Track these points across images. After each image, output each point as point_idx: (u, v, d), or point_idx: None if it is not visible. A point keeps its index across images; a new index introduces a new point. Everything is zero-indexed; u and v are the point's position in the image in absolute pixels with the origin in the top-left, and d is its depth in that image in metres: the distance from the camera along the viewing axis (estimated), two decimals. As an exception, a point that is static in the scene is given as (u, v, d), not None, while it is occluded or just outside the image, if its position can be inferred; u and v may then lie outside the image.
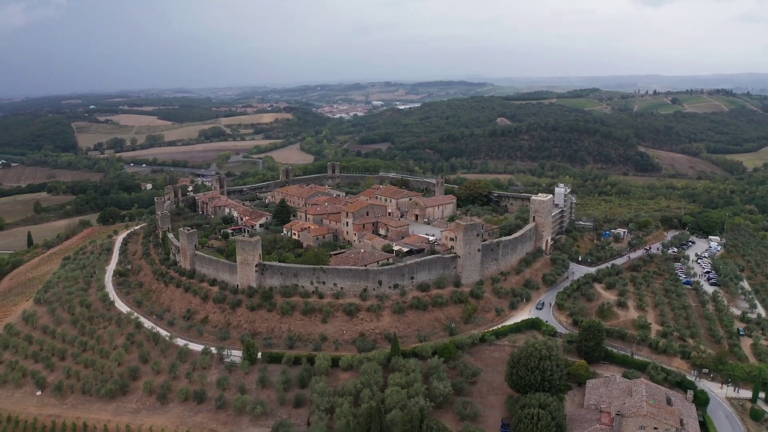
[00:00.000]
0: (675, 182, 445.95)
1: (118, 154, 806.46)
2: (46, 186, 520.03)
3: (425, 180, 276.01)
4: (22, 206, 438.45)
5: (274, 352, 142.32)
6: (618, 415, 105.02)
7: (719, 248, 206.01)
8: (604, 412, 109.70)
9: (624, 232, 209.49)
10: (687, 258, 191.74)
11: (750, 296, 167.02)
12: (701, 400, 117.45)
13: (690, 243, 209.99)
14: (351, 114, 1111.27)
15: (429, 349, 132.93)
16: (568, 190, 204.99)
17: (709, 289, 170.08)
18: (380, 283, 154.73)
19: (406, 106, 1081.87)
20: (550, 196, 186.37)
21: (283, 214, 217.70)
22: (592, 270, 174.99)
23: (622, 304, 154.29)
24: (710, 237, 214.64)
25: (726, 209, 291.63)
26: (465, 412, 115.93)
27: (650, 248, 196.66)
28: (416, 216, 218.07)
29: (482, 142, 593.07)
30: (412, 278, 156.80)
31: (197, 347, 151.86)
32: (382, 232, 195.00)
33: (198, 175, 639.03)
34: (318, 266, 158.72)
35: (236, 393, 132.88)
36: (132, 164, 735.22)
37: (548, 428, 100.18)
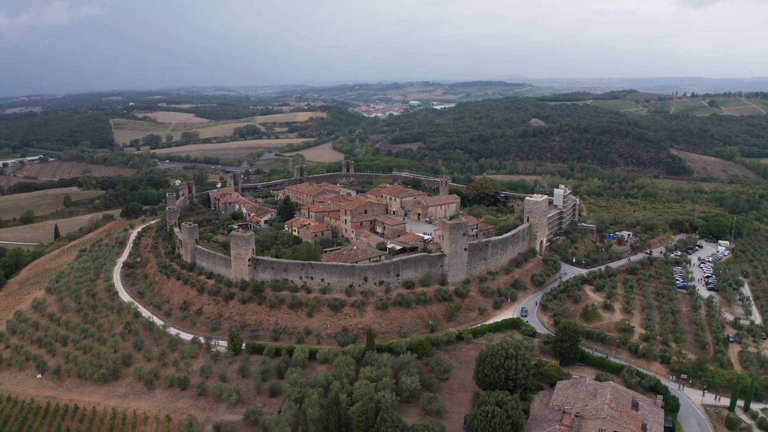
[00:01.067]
0: (704, 186, 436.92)
1: (152, 151, 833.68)
2: (77, 181, 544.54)
3: (436, 180, 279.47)
4: (52, 200, 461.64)
5: (257, 343, 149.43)
6: (577, 416, 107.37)
7: (726, 253, 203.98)
8: (567, 413, 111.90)
9: (628, 234, 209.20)
10: (688, 262, 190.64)
11: (747, 302, 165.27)
12: (671, 406, 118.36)
13: (697, 247, 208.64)
14: (387, 113, 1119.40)
15: (404, 345, 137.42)
16: (568, 192, 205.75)
17: (706, 294, 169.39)
18: (366, 279, 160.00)
19: (441, 106, 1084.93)
20: (545, 197, 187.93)
21: (287, 211, 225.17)
22: (584, 272, 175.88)
23: (607, 307, 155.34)
24: (720, 241, 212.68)
25: (749, 214, 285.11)
26: (429, 408, 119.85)
27: (651, 252, 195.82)
28: (419, 215, 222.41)
29: (513, 143, 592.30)
30: (398, 275, 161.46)
31: (188, 337, 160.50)
32: (379, 230, 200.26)
33: (228, 172, 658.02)
34: (306, 262, 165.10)
35: (217, 381, 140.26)
36: (167, 161, 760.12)
37: (502, 426, 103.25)
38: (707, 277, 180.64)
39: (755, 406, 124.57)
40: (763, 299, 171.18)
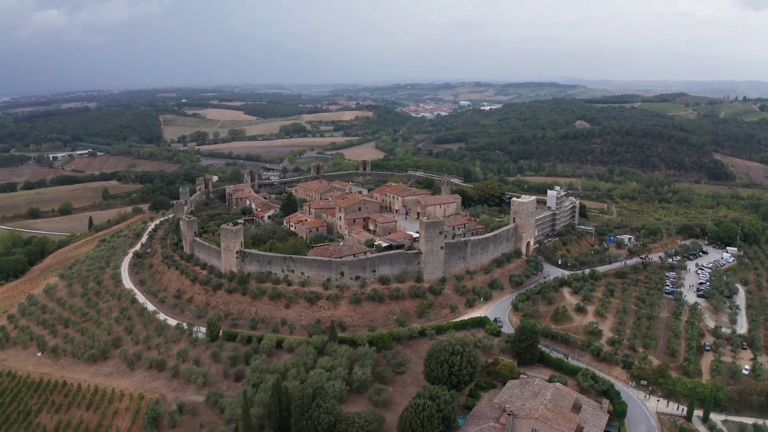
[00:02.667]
0: (741, 192, 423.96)
1: (198, 147, 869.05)
2: (117, 175, 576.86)
3: (452, 181, 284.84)
4: (92, 193, 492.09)
5: (232, 330, 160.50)
6: (510, 414, 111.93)
7: (731, 260, 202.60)
8: (505, 412, 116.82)
9: (629, 238, 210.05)
10: (684, 268, 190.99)
11: (735, 311, 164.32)
12: (618, 411, 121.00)
13: (701, 253, 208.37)
14: (435, 113, 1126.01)
15: (365, 338, 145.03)
16: (562, 193, 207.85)
17: (694, 301, 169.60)
18: (342, 274, 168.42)
19: (488, 107, 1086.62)
20: (533, 198, 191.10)
21: (289, 207, 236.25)
22: (567, 273, 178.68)
23: (580, 309, 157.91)
24: (728, 248, 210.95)
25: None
26: (376, 398, 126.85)
27: (647, 256, 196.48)
28: (418, 214, 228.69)
29: (553, 145, 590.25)
30: (374, 271, 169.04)
31: (174, 323, 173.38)
32: (371, 227, 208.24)
33: (268, 169, 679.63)
34: (288, 256, 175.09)
35: (191, 365, 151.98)
36: (210, 157, 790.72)
37: (431, 419, 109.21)
38: (700, 283, 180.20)
39: (716, 417, 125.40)
40: (758, 308, 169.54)
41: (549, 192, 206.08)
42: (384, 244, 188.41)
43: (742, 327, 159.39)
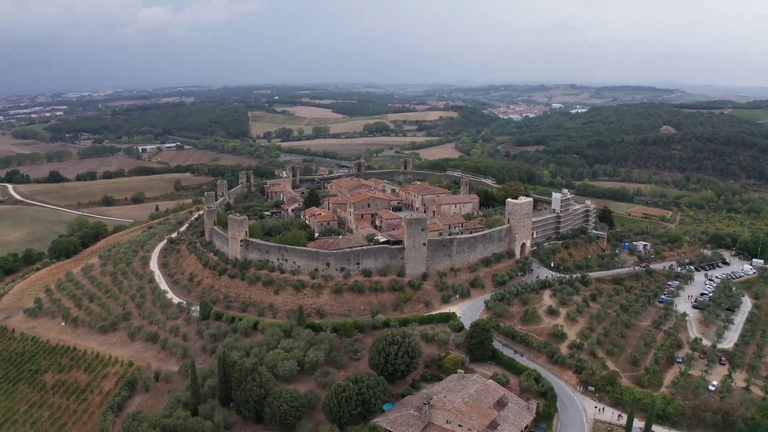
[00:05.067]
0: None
1: (280, 143, 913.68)
2: (191, 167, 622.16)
3: (482, 180, 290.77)
4: (165, 184, 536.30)
5: (220, 311, 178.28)
6: (425, 404, 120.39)
7: (751, 272, 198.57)
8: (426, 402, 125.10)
9: (645, 245, 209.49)
10: (691, 277, 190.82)
11: (727, 324, 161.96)
12: (546, 413, 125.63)
13: (720, 263, 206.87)
14: (523, 115, 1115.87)
15: (329, 325, 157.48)
16: (568, 196, 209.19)
17: (691, 312, 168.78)
18: (328, 264, 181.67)
19: (576, 110, 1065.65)
20: (529, 199, 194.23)
21: (311, 201, 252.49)
22: (550, 276, 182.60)
23: (553, 312, 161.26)
24: (754, 260, 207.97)
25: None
26: (321, 380, 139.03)
27: (647, 265, 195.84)
28: (434, 212, 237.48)
29: (631, 150, 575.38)
30: (358, 264, 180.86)
31: (177, 301, 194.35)
32: (377, 223, 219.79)
33: (342, 166, 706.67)
34: (282, 245, 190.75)
35: (178, 339, 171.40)
36: (290, 153, 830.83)
37: (348, 401, 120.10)
38: (702, 294, 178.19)
39: (661, 431, 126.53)
40: (758, 324, 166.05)
41: (554, 195, 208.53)
42: (382, 239, 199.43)
43: (730, 341, 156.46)
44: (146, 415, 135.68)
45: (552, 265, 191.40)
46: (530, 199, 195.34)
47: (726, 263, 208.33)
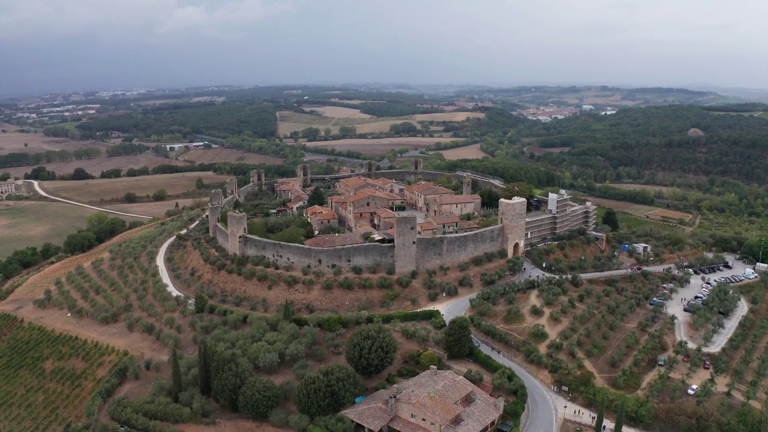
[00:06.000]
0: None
1: (306, 143, 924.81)
2: (213, 166, 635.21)
3: (489, 181, 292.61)
4: (187, 182, 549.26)
5: (213, 304, 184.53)
6: (391, 398, 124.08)
7: (752, 276, 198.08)
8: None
9: (645, 247, 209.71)
10: (688, 280, 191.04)
11: (716, 328, 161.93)
12: (513, 411, 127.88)
13: (722, 267, 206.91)
14: (552, 117, 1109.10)
15: (314, 320, 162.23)
16: (565, 197, 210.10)
17: (682, 315, 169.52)
18: (320, 261, 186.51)
19: (605, 112, 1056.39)
20: (522, 200, 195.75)
21: (315, 199, 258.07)
22: (541, 276, 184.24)
23: (537, 312, 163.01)
24: (758, 264, 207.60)
25: None
26: (299, 371, 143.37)
27: (640, 267, 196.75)
28: (435, 212, 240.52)
29: (656, 152, 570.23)
30: (349, 261, 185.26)
31: (176, 295, 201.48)
32: (376, 221, 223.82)
33: (377, 167, 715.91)
34: (277, 242, 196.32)
35: (172, 330, 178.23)
36: (315, 153, 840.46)
37: (317, 392, 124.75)
38: (696, 297, 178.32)
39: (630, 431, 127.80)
40: (751, 329, 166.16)
41: (550, 195, 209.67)
42: (377, 238, 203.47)
43: (717, 345, 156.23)
44: (130, 401, 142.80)
45: (544, 265, 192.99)
46: (523, 199, 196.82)
47: (728, 267, 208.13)
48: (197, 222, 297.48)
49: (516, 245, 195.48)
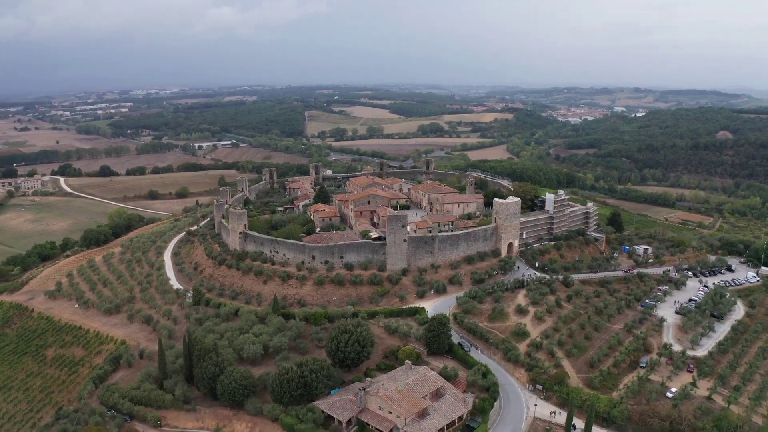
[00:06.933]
0: None
1: (332, 142, 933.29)
2: (237, 164, 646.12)
3: (498, 181, 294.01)
4: (210, 180, 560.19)
5: (209, 297, 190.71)
6: (361, 390, 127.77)
7: (754, 280, 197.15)
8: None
9: (645, 249, 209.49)
10: (684, 283, 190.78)
11: (706, 331, 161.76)
12: (481, 407, 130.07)
13: (724, 270, 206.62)
14: (582, 118, 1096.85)
15: (301, 314, 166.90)
16: (563, 198, 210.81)
17: (672, 318, 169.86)
18: (313, 257, 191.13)
19: (634, 114, 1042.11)
20: (516, 199, 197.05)
21: (320, 198, 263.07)
22: (535, 275, 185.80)
23: (521, 311, 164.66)
24: (762, 268, 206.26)
25: None
26: (280, 363, 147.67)
27: (630, 270, 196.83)
28: (437, 210, 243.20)
29: (682, 155, 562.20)
30: (342, 257, 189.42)
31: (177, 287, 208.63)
32: (375, 219, 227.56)
33: (389, 166, 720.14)
34: (274, 238, 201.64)
35: (168, 321, 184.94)
36: (340, 152, 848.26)
37: (290, 382, 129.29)
38: (690, 300, 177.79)
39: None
40: (743, 333, 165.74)
41: (547, 195, 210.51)
42: (374, 235, 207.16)
43: (705, 349, 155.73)
44: (119, 387, 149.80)
45: (537, 265, 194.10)
46: (517, 199, 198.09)
47: (731, 270, 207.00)
48: (208, 219, 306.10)
49: (510, 245, 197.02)
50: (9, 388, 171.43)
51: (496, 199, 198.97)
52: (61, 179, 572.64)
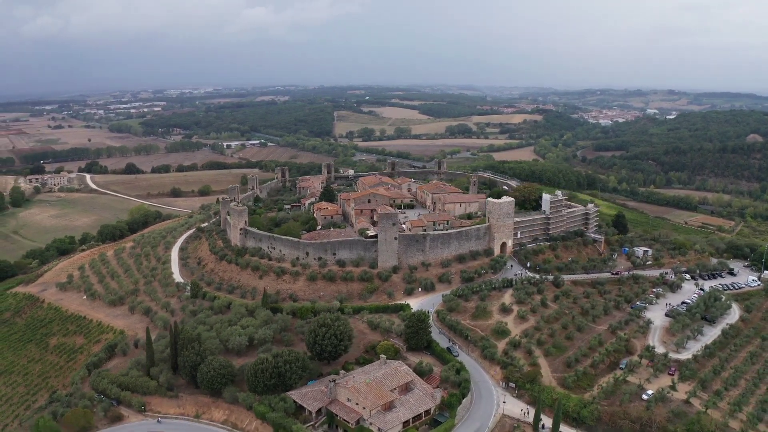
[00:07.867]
0: None
1: (359, 142, 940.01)
2: (260, 163, 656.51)
3: (507, 182, 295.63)
4: (233, 178, 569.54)
5: (205, 290, 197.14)
6: (331, 382, 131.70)
7: (755, 284, 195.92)
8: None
9: (645, 250, 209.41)
10: (680, 285, 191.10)
11: (694, 334, 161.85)
12: (448, 403, 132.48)
13: (725, 274, 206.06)
14: (613, 120, 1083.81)
15: (288, 309, 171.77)
16: (559, 198, 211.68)
17: (662, 320, 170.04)
18: (307, 254, 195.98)
19: (668, 116, 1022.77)
20: (510, 199, 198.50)
21: (325, 196, 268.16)
22: (526, 275, 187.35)
23: (505, 310, 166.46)
24: (765, 272, 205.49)
25: None
26: (262, 355, 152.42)
27: (619, 272, 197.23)
28: (440, 210, 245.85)
29: (709, 158, 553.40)
30: (334, 254, 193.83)
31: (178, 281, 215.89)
32: (375, 218, 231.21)
33: (412, 166, 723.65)
34: (271, 235, 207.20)
35: (165, 313, 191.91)
36: (366, 153, 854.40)
37: (264, 372, 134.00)
38: (683, 303, 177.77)
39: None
40: (736, 337, 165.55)
41: (544, 196, 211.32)
42: (371, 233, 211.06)
43: (690, 352, 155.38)
44: (109, 373, 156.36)
45: (528, 265, 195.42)
46: (511, 199, 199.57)
47: (732, 273, 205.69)
48: (218, 216, 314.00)
49: (503, 244, 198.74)
50: (10, 372, 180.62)
51: (489, 199, 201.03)
52: (87, 176, 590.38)
